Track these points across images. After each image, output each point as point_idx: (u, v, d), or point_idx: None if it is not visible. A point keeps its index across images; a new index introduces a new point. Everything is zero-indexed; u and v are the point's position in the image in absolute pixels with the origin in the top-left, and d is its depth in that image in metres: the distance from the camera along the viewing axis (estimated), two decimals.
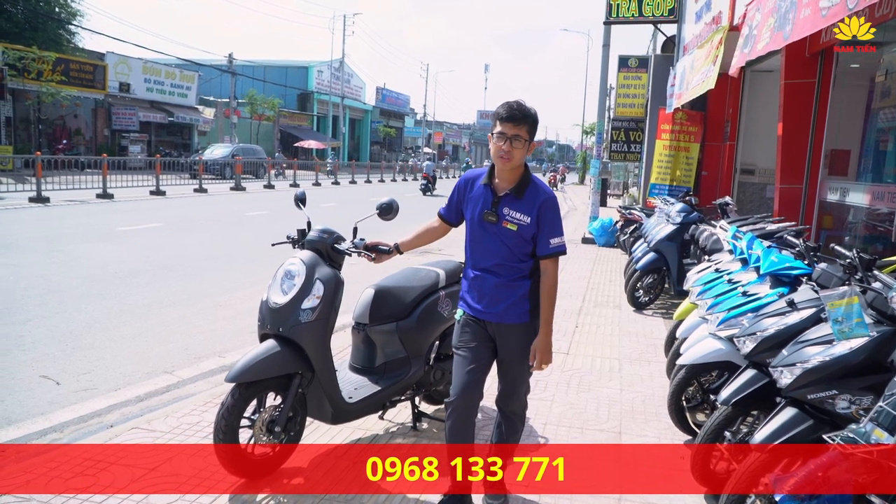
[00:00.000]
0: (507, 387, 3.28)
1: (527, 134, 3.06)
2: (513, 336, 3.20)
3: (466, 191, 3.31)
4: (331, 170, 37.39)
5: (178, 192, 21.63)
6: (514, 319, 3.17)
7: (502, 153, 3.04)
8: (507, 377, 3.27)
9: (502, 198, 3.14)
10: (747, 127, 11.46)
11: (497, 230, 3.14)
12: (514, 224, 3.10)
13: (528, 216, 3.08)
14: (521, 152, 3.06)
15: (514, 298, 3.16)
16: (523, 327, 3.18)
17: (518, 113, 3.03)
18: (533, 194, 3.12)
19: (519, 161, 3.09)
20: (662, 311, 8.00)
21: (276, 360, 3.37)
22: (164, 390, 5.05)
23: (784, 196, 7.48)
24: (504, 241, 3.13)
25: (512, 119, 3.02)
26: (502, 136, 3.03)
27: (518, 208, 3.11)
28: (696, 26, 11.44)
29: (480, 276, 3.22)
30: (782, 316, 3.21)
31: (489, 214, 3.14)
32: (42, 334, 6.10)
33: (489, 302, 3.18)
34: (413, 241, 3.54)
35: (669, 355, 4.98)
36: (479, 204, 3.20)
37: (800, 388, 2.72)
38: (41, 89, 28.29)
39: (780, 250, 4.02)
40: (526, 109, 3.05)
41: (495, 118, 3.09)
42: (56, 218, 14.23)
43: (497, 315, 3.18)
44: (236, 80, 43.62)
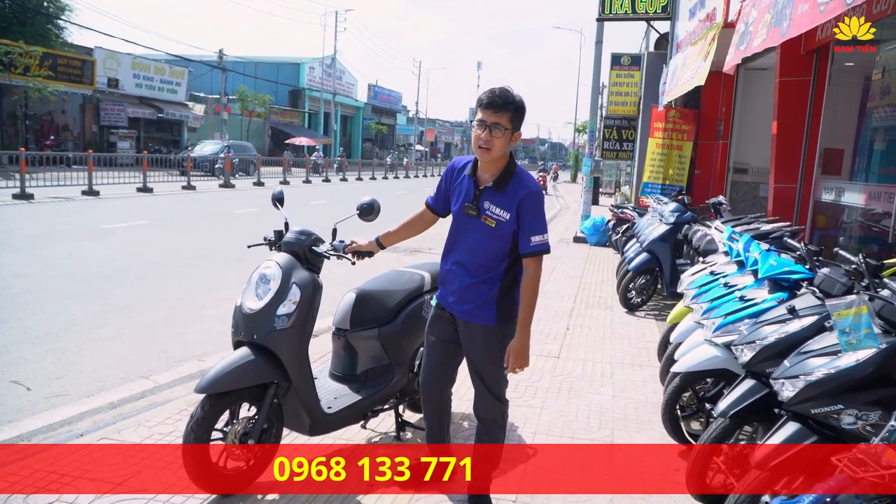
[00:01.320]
0: (477, 390, 3.20)
1: (508, 122, 2.88)
2: (478, 337, 3.10)
3: (453, 179, 3.18)
4: (314, 163, 36.87)
5: (165, 190, 21.35)
6: (480, 321, 3.07)
7: (481, 142, 2.90)
8: (476, 380, 3.18)
9: (484, 191, 3.00)
10: (740, 125, 11.33)
11: (476, 225, 3.02)
12: (493, 220, 2.96)
13: (508, 212, 2.94)
14: (502, 142, 2.90)
15: (482, 300, 3.05)
16: (490, 330, 3.08)
17: (499, 99, 2.85)
18: (515, 188, 2.96)
19: (499, 152, 2.92)
20: (655, 313, 7.85)
21: (249, 369, 3.18)
22: (139, 396, 4.86)
23: (778, 195, 7.35)
24: (482, 236, 3.01)
25: (492, 106, 2.86)
26: (482, 124, 2.89)
27: (498, 203, 2.96)
28: (689, 23, 11.29)
29: (454, 270, 3.12)
30: (783, 323, 3.05)
31: (470, 208, 3.02)
32: (16, 336, 5.90)
33: (458, 299, 3.10)
34: (397, 234, 3.39)
35: (663, 360, 4.82)
36: (461, 195, 3.08)
37: (803, 401, 2.56)
38: (28, 84, 27.91)
39: (778, 253, 3.87)
40: (508, 96, 2.88)
41: (477, 105, 2.92)
42: (39, 215, 13.96)
43: (464, 313, 3.10)
44: (227, 76, 43.21)
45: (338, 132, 58.42)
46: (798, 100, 7.18)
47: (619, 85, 22.26)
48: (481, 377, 3.15)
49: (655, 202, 8.74)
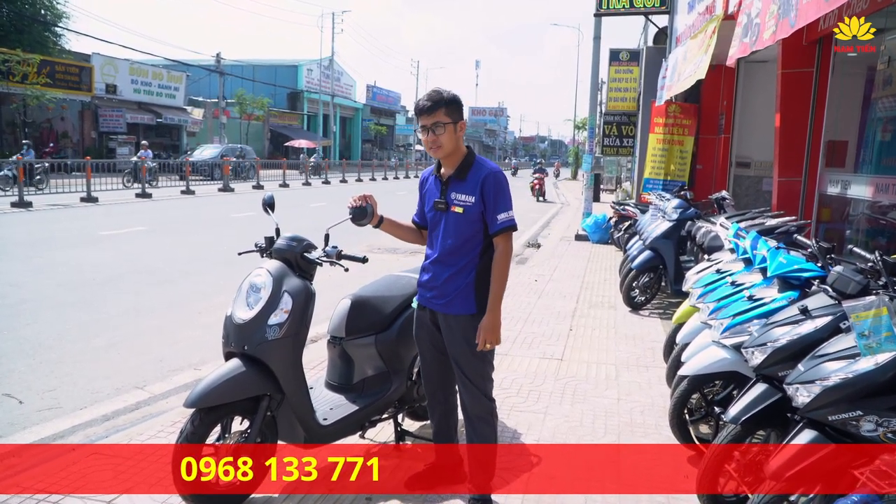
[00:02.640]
0: (461, 386, 3.20)
1: (445, 116, 3.01)
2: (458, 327, 3.12)
3: (423, 187, 3.31)
4: (315, 165, 36.75)
5: (164, 195, 21.26)
6: (459, 310, 3.11)
7: (430, 145, 3.04)
8: (460, 375, 3.18)
9: (448, 183, 3.11)
10: (742, 119, 11.19)
11: (448, 218, 3.10)
12: (461, 206, 3.05)
13: (472, 195, 3.03)
14: (448, 136, 3.03)
15: (460, 287, 3.10)
16: (469, 319, 3.10)
17: (428, 102, 3.01)
18: (476, 173, 3.08)
19: (450, 146, 3.05)
20: (659, 312, 7.72)
21: (240, 381, 3.06)
22: (134, 408, 4.75)
23: (783, 189, 7.21)
24: (454, 226, 3.08)
25: (424, 110, 3.01)
26: (424, 129, 3.05)
27: (462, 190, 3.07)
28: (689, 16, 11.15)
29: (431, 266, 3.18)
30: (795, 325, 2.92)
31: (439, 203, 3.12)
32: (9, 347, 5.79)
33: (438, 293, 3.14)
34: (397, 227, 3.40)
35: (669, 362, 4.69)
36: (433, 195, 3.19)
37: (819, 408, 2.43)
38: (26, 92, 27.86)
39: (787, 250, 3.73)
40: (436, 95, 3.03)
41: (415, 115, 3.09)
42: (37, 223, 13.86)
43: (443, 305, 3.14)
44: (225, 79, 43.16)
45: (337, 134, 58.31)
46: (801, 92, 7.05)
47: (618, 81, 22.13)
48: (465, 371, 3.16)
49: (657, 198, 8.60)
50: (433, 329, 3.25)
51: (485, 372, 3.19)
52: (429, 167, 3.37)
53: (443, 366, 3.31)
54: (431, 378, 3.38)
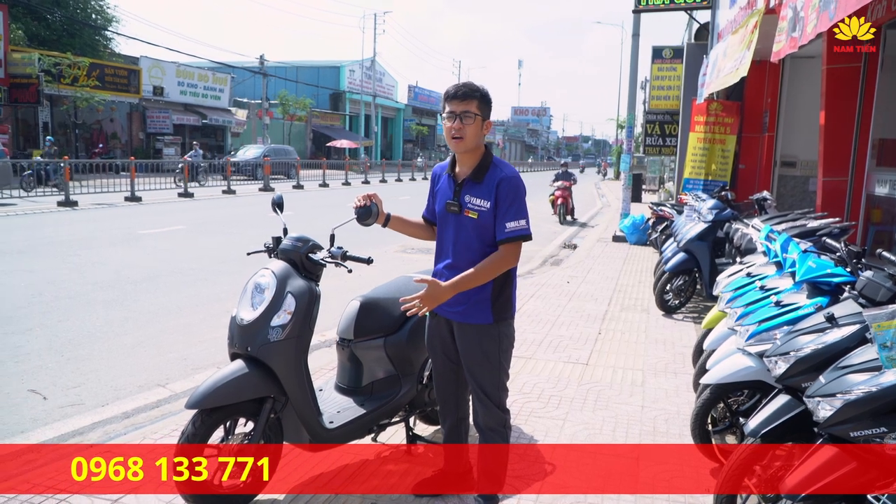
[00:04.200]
0: (475, 396, 3.07)
1: (477, 109, 2.89)
2: (473, 338, 2.99)
3: (435, 184, 3.17)
4: (362, 169, 37.18)
5: (206, 194, 21.61)
6: (475, 320, 2.98)
7: (454, 132, 2.90)
8: (473, 386, 3.06)
9: (463, 185, 2.97)
10: (787, 117, 10.82)
11: (460, 221, 2.97)
12: (475, 212, 2.92)
13: (488, 201, 2.90)
14: (474, 129, 2.89)
15: (476, 297, 2.95)
16: (485, 329, 2.98)
17: (464, 88, 2.91)
18: (492, 177, 2.93)
19: (473, 140, 2.91)
20: (694, 316, 7.48)
21: (242, 383, 3.01)
22: (154, 405, 4.76)
23: (827, 189, 6.92)
24: (467, 231, 2.95)
25: (457, 95, 2.89)
26: (451, 115, 2.90)
27: (478, 194, 2.93)
28: (730, 11, 10.82)
29: (445, 272, 3.03)
30: (820, 333, 2.74)
31: (451, 205, 2.98)
32: (40, 344, 5.89)
33: (452, 300, 2.96)
34: (405, 224, 3.28)
35: (696, 368, 4.51)
36: (445, 195, 3.05)
37: (841, 423, 2.26)
38: (76, 94, 28.64)
39: (818, 254, 3.53)
40: (473, 85, 2.93)
41: (443, 100, 2.94)
42: (79, 222, 14.20)
43: (458, 314, 3.01)
44: (268, 81, 43.75)
45: (378, 134, 58.65)
46: (847, 88, 6.75)
47: (660, 79, 21.75)
48: (479, 382, 3.04)
49: (693, 199, 8.36)
50: (447, 338, 3.14)
51: (500, 382, 3.07)
52: (441, 163, 3.25)
53: (455, 375, 3.22)
54: (444, 387, 3.29)
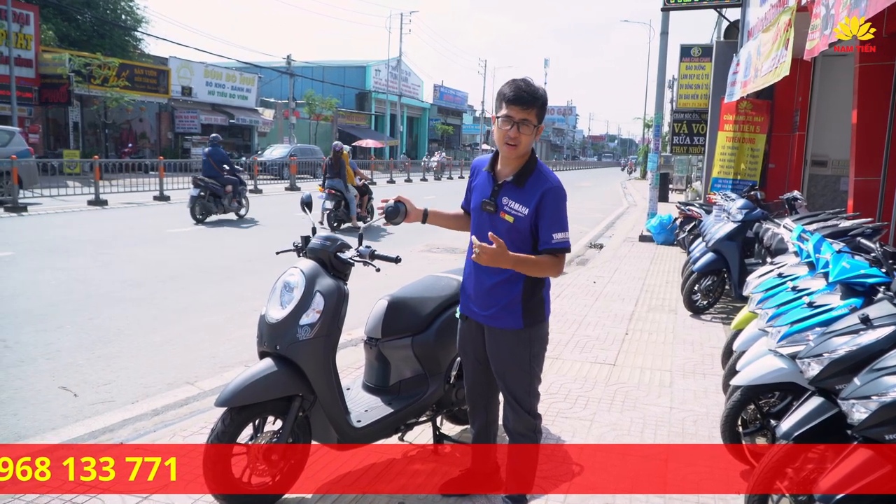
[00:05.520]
0: (505, 401, 3.01)
1: (535, 118, 2.76)
2: (504, 342, 2.92)
3: (473, 178, 3.09)
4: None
5: None
6: (505, 324, 2.90)
7: (509, 139, 2.76)
8: (504, 390, 3.01)
9: (502, 186, 2.88)
10: (819, 115, 10.66)
11: (494, 221, 2.87)
12: (511, 216, 2.83)
13: (527, 207, 2.80)
14: (529, 139, 2.78)
15: (506, 300, 2.88)
16: (517, 334, 2.90)
17: (527, 95, 2.72)
18: (535, 183, 2.83)
19: (525, 148, 2.81)
20: (722, 317, 7.39)
21: (271, 381, 3.04)
22: (183, 403, 4.82)
23: (859, 189, 6.80)
24: (500, 234, 2.79)
25: (520, 102, 2.72)
26: (508, 121, 2.75)
27: (517, 198, 2.83)
28: (760, 9, 10.67)
29: (475, 272, 2.96)
30: (854, 335, 2.69)
31: (487, 204, 2.89)
32: (70, 342, 5.99)
33: (482, 303, 2.93)
34: (444, 218, 3.25)
35: (726, 370, 4.46)
36: (481, 192, 2.96)
37: (876, 426, 2.22)
38: (106, 94, 29.10)
39: (852, 255, 3.47)
40: (535, 91, 2.75)
41: (500, 99, 2.78)
42: (109, 220, 14.42)
43: (488, 318, 2.94)
44: (295, 81, 44.10)
45: (404, 133, 58.82)
46: (880, 85, 6.64)
47: (689, 77, 21.57)
48: (509, 387, 2.98)
49: (722, 198, 8.26)
50: (479, 341, 3.07)
51: (531, 388, 2.99)
52: (481, 156, 3.17)
53: (486, 378, 3.15)
54: (474, 390, 3.23)
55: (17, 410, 4.58)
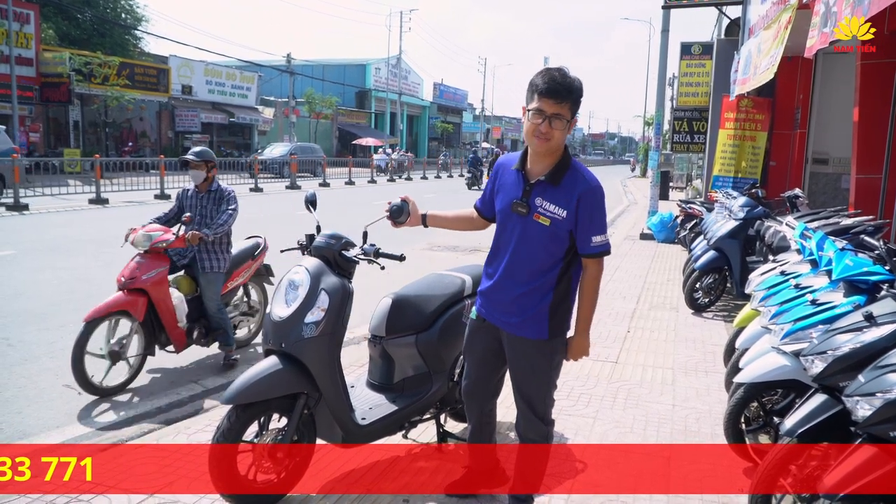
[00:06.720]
0: (520, 408, 2.93)
1: (569, 112, 2.60)
2: (526, 352, 2.82)
3: (499, 177, 2.89)
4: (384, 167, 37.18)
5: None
6: (530, 335, 2.78)
7: (539, 133, 2.60)
8: (519, 398, 2.92)
9: (535, 185, 2.70)
10: (820, 113, 10.66)
11: (526, 224, 2.71)
12: (548, 218, 2.66)
13: (565, 209, 2.64)
14: (562, 133, 2.62)
15: (533, 310, 2.75)
16: (540, 345, 2.79)
17: (561, 87, 2.55)
18: (571, 182, 2.66)
19: (558, 143, 2.64)
20: (724, 315, 7.40)
21: (276, 379, 3.06)
22: (188, 401, 4.85)
23: (861, 187, 6.81)
24: (533, 237, 2.70)
25: (553, 95, 2.55)
26: (540, 114, 2.58)
27: (553, 199, 2.66)
28: (762, 6, 10.67)
29: (500, 277, 2.81)
30: (858, 332, 2.70)
31: (519, 205, 2.71)
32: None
33: (506, 310, 2.80)
34: (444, 220, 3.15)
35: (728, 367, 4.47)
36: (510, 192, 2.77)
37: (881, 422, 2.24)
38: (107, 93, 29.10)
39: (855, 252, 3.48)
40: (570, 83, 2.58)
41: (532, 91, 2.61)
42: (110, 219, 14.41)
43: (512, 326, 2.81)
44: (295, 79, 44.06)
45: (404, 132, 58.81)
46: (882, 83, 6.65)
47: (689, 75, 21.56)
48: (525, 395, 2.88)
49: (724, 196, 8.27)
50: (491, 345, 2.96)
51: (546, 397, 2.89)
52: (507, 154, 2.98)
53: (487, 379, 3.10)
54: (472, 391, 3.14)
55: (21, 409, 4.60)
